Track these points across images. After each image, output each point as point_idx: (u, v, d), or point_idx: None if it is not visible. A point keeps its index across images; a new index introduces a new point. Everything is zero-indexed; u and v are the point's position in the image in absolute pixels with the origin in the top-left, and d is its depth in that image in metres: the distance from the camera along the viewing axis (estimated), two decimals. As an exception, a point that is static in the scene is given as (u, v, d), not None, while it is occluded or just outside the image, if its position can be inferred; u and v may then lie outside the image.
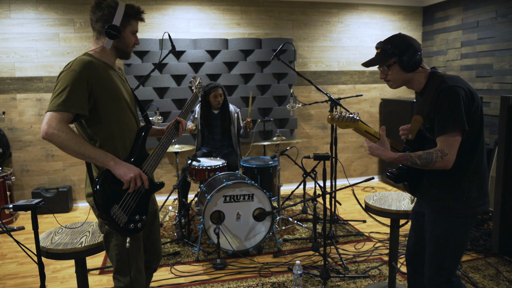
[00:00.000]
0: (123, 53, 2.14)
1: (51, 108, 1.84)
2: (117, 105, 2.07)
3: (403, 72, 2.07)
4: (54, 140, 1.82)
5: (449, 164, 1.93)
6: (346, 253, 3.86)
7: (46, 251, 2.27)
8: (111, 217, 1.93)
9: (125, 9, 2.04)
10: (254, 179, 4.39)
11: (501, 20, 5.03)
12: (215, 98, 4.58)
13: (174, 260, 3.77)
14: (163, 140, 2.24)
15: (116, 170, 1.95)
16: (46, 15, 5.17)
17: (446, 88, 1.93)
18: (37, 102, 5.29)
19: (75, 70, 1.89)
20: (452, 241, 2.07)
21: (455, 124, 1.90)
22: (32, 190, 5.27)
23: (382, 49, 2.10)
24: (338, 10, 6.16)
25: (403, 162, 2.01)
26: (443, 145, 1.93)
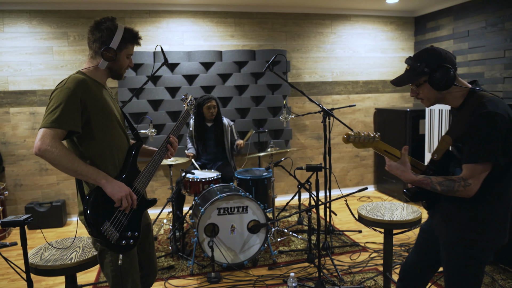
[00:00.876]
0: (116, 74, 2.18)
1: (45, 125, 1.86)
2: (109, 123, 2.09)
3: (434, 91, 1.93)
4: (47, 156, 1.83)
5: (471, 194, 1.82)
6: (342, 264, 3.84)
7: (35, 267, 2.24)
8: (102, 234, 1.92)
9: (124, 33, 2.08)
10: (248, 190, 4.37)
11: (491, 30, 5.07)
12: (209, 109, 4.59)
13: (168, 274, 3.74)
14: (154, 157, 2.25)
15: (107, 188, 1.95)
16: (40, 29, 5.19)
17: (484, 114, 1.77)
18: (31, 116, 5.28)
19: (69, 87, 1.92)
20: (468, 274, 1.95)
21: (486, 156, 1.77)
22: (25, 204, 5.23)
23: (411, 66, 1.96)
24: (331, 21, 6.20)
25: (422, 185, 1.90)
26: (468, 174, 1.82)
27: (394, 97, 6.67)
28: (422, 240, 2.24)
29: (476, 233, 1.90)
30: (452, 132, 1.94)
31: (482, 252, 1.92)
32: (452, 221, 1.98)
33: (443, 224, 2.03)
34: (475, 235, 1.90)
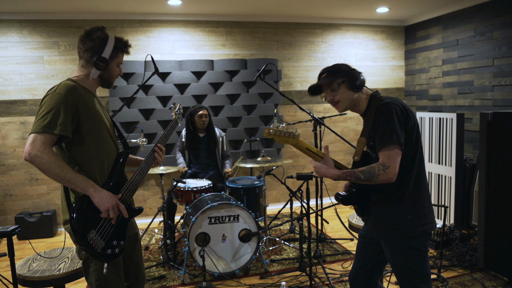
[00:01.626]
0: (107, 83, 2.20)
1: (35, 130, 1.86)
2: (98, 130, 2.09)
3: (350, 92, 2.12)
4: (36, 162, 1.83)
5: (392, 176, 1.95)
6: (333, 272, 3.84)
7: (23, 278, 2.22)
8: (88, 242, 1.91)
9: (115, 42, 2.11)
10: (240, 199, 4.37)
11: (480, 38, 5.14)
12: (200, 118, 4.59)
13: (159, 284, 3.71)
14: (142, 165, 2.25)
15: (94, 198, 1.94)
16: (30, 38, 5.18)
17: (382, 105, 2.01)
18: (21, 126, 5.25)
19: (60, 93, 1.93)
20: (415, 264, 2.08)
21: (392, 138, 1.95)
22: (15, 215, 5.18)
23: (328, 71, 2.15)
24: (322, 30, 6.25)
25: (347, 178, 2.02)
26: (383, 158, 1.97)
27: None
28: (361, 245, 2.37)
29: (407, 222, 2.05)
30: (364, 132, 2.12)
31: (418, 240, 2.06)
32: (383, 218, 2.14)
33: (378, 223, 2.17)
34: (407, 224, 2.05)
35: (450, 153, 4.68)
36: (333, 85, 2.13)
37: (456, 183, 4.64)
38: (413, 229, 2.05)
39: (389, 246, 2.13)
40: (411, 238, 2.06)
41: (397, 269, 2.14)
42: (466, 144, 5.23)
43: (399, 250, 2.09)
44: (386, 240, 2.14)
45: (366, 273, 2.34)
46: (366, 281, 2.35)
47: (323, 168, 2.07)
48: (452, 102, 5.68)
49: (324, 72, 2.17)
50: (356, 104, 2.16)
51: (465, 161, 4.79)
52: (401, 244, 2.08)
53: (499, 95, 4.90)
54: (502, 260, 3.50)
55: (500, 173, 3.49)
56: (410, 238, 2.06)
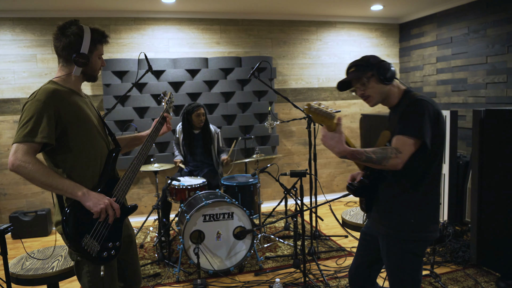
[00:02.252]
0: (91, 77, 2.13)
1: (17, 140, 1.82)
2: (86, 131, 2.03)
3: (381, 85, 2.06)
4: (21, 172, 1.80)
5: (401, 163, 1.88)
6: (328, 269, 3.85)
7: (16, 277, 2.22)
8: (83, 248, 1.89)
9: (91, 35, 2.03)
10: (235, 197, 4.37)
11: (473, 36, 5.16)
12: (198, 117, 4.59)
13: (154, 281, 3.71)
14: (134, 162, 2.17)
15: (85, 202, 1.90)
16: (23, 37, 5.16)
17: (414, 101, 1.96)
18: (14, 124, 5.23)
19: (40, 99, 1.86)
20: (409, 268, 2.07)
21: (416, 131, 1.89)
22: (10, 214, 5.16)
23: (356, 65, 2.09)
24: (316, 28, 6.26)
25: (356, 156, 1.90)
26: (398, 143, 1.91)
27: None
28: (363, 242, 2.36)
29: (410, 225, 2.03)
30: (390, 127, 2.08)
31: (416, 245, 2.05)
32: (387, 216, 2.11)
33: (380, 220, 2.15)
34: (409, 227, 2.03)
35: (444, 150, 4.70)
36: (362, 80, 2.07)
37: (449, 180, 4.66)
38: (414, 234, 2.03)
39: (386, 245, 2.12)
40: (410, 242, 2.04)
41: (390, 269, 2.14)
42: (460, 141, 5.26)
43: (396, 251, 2.08)
44: (385, 239, 2.13)
45: (366, 269, 2.34)
46: (365, 278, 2.35)
47: (333, 139, 1.91)
48: (446, 99, 5.70)
49: (352, 67, 2.11)
50: (387, 98, 2.11)
51: (458, 158, 4.82)
52: (399, 245, 2.07)
53: (493, 92, 4.93)
54: (494, 256, 3.53)
55: (492, 170, 3.52)
56: (409, 242, 2.04)
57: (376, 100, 2.10)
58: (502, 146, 3.44)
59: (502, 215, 3.46)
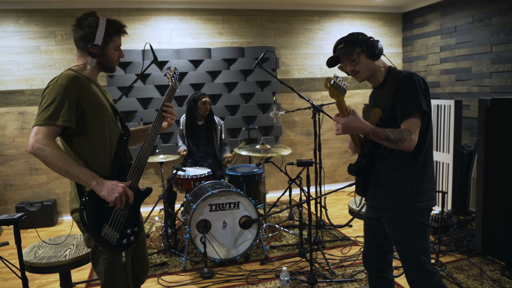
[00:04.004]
0: (107, 68, 2.17)
1: (38, 123, 1.85)
2: (102, 118, 2.07)
3: (370, 61, 2.12)
4: (39, 154, 1.82)
5: (413, 144, 1.99)
6: (333, 258, 3.89)
7: (29, 265, 2.25)
8: (103, 238, 1.91)
9: (106, 26, 2.05)
10: (239, 187, 4.39)
11: (478, 25, 5.15)
12: (204, 104, 4.60)
13: (161, 270, 3.75)
14: (144, 145, 2.18)
15: (99, 191, 1.92)
16: (27, 28, 5.15)
17: (405, 76, 2.03)
18: (19, 116, 5.24)
19: (62, 84, 1.90)
20: (418, 238, 2.13)
21: (417, 107, 1.98)
22: (16, 204, 5.20)
23: (345, 42, 2.14)
24: (319, 18, 6.24)
25: (377, 134, 2.00)
26: (409, 126, 1.99)
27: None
28: (368, 227, 2.41)
29: (412, 196, 2.10)
30: (380, 104, 2.14)
31: (421, 214, 2.12)
32: (389, 191, 2.16)
33: (382, 196, 2.20)
34: (412, 198, 2.10)
35: (448, 140, 4.71)
36: (352, 56, 2.11)
37: (453, 169, 4.69)
38: (417, 204, 2.10)
39: (391, 220, 2.18)
40: (415, 212, 2.11)
41: (400, 243, 2.18)
42: (464, 131, 5.27)
43: (403, 224, 2.14)
44: (389, 214, 2.18)
45: (377, 253, 2.38)
46: (378, 261, 2.40)
47: (356, 121, 1.99)
48: (449, 89, 5.70)
49: (341, 43, 2.15)
50: (374, 74, 2.17)
51: (462, 148, 4.83)
52: (405, 217, 2.13)
53: (497, 81, 4.93)
54: (499, 245, 3.56)
55: (497, 159, 3.53)
56: (414, 212, 2.10)
57: (365, 75, 2.16)
58: (508, 135, 3.45)
59: (507, 204, 3.48)
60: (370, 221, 2.38)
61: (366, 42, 2.09)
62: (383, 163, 2.19)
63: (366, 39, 2.11)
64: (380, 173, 2.20)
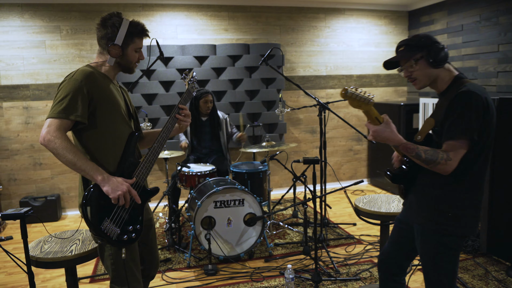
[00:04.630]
0: (126, 69, 2.19)
1: (52, 115, 1.90)
2: (115, 115, 2.10)
3: (429, 68, 1.96)
4: (50, 146, 1.87)
5: (449, 170, 1.86)
6: (337, 256, 3.88)
7: (35, 260, 2.25)
8: (103, 231, 1.92)
9: (128, 27, 2.08)
10: (244, 184, 4.39)
11: (485, 24, 5.12)
12: (205, 103, 4.58)
13: (165, 266, 3.75)
14: (154, 145, 2.18)
15: (104, 187, 1.94)
16: (32, 23, 5.14)
17: (464, 92, 1.84)
18: (24, 110, 5.24)
19: (77, 79, 1.95)
20: (444, 261, 2.01)
21: (464, 132, 1.83)
22: (20, 199, 5.20)
23: (406, 45, 2.01)
24: (325, 15, 6.21)
25: (408, 150, 1.90)
26: (449, 149, 1.86)
27: (388, 91, 6.71)
28: (397, 230, 2.30)
29: (444, 218, 1.96)
30: (436, 115, 1.99)
31: (454, 240, 1.98)
32: (424, 205, 2.04)
33: (416, 209, 2.09)
34: (447, 221, 1.96)
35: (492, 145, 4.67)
36: (410, 61, 1.98)
37: (458, 168, 4.66)
38: (449, 228, 1.96)
39: (421, 235, 2.07)
40: (445, 236, 1.98)
41: (424, 260, 2.07)
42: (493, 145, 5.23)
43: (430, 242, 2.03)
44: (420, 229, 2.07)
45: (397, 256, 2.29)
46: (396, 266, 2.31)
47: (386, 131, 1.90)
48: (455, 88, 5.67)
49: (402, 46, 2.02)
50: (435, 82, 2.01)
51: (468, 147, 4.80)
52: (433, 237, 2.01)
53: (504, 81, 4.90)
54: (504, 245, 3.55)
55: (504, 159, 3.51)
56: (444, 235, 1.98)
57: (423, 83, 2.02)
58: (515, 135, 3.43)
59: (513, 203, 3.47)
60: (401, 224, 2.27)
61: (429, 48, 1.93)
62: (422, 176, 2.06)
63: (430, 44, 1.94)
64: (418, 185, 2.09)
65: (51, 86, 5.27)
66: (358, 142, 6.64)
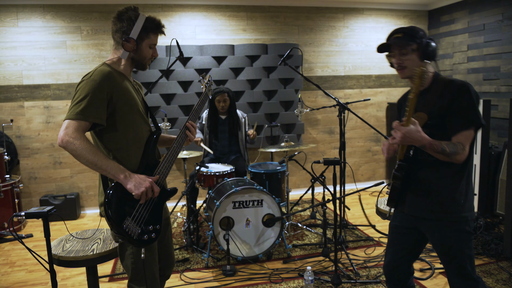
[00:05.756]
0: (139, 65, 2.17)
1: (70, 116, 1.87)
2: (133, 115, 2.09)
3: (420, 61, 2.02)
4: (69, 147, 1.85)
5: (464, 157, 1.96)
6: (357, 258, 3.83)
7: (57, 258, 2.27)
8: (124, 230, 1.92)
9: (144, 22, 2.06)
10: (262, 184, 4.37)
11: (508, 23, 5.01)
12: (219, 103, 4.57)
13: (183, 266, 3.75)
14: (173, 145, 2.20)
15: (126, 184, 1.93)
16: (53, 23, 5.21)
17: (461, 85, 1.96)
18: (45, 110, 5.31)
19: (95, 80, 1.92)
20: (465, 246, 2.07)
21: (474, 121, 1.95)
22: (40, 197, 5.28)
23: (405, 33, 2.03)
24: (343, 15, 6.16)
25: (434, 147, 1.93)
26: (462, 139, 1.95)
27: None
28: (397, 236, 2.31)
29: (459, 206, 2.05)
30: (425, 109, 2.03)
31: (468, 224, 2.06)
32: (434, 199, 2.08)
33: (425, 204, 2.11)
34: (459, 209, 2.05)
35: (475, 140, 4.60)
36: (405, 49, 2.02)
37: (480, 170, 4.58)
38: (464, 214, 2.05)
39: (438, 230, 2.09)
40: (462, 222, 2.05)
41: (447, 252, 2.11)
42: (491, 131, 5.14)
43: (452, 233, 2.07)
44: (435, 223, 2.09)
45: (404, 262, 2.29)
46: (405, 272, 2.31)
47: (417, 132, 1.90)
48: (477, 88, 5.57)
49: (399, 32, 2.05)
50: None
51: (490, 149, 4.72)
52: (453, 227, 2.06)
53: (527, 81, 4.80)
54: (529, 248, 3.46)
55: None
56: (462, 222, 2.05)
57: (410, 73, 2.05)
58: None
59: (539, 207, 3.38)
60: (399, 230, 2.28)
61: (424, 41, 2.00)
62: (430, 171, 2.10)
63: (425, 38, 2.02)
64: (425, 181, 2.11)
65: (72, 86, 5.33)
66: (377, 143, 6.57)
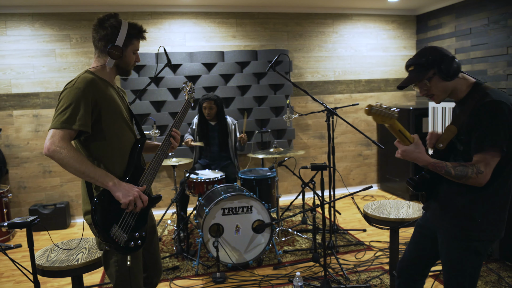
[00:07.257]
0: (124, 71, 2.17)
1: (55, 125, 1.86)
2: (118, 122, 2.08)
3: (444, 82, 1.93)
4: (55, 157, 1.84)
5: (483, 182, 1.84)
6: (347, 263, 3.84)
7: (42, 269, 2.25)
8: (111, 237, 1.92)
9: (128, 29, 2.06)
10: (252, 190, 4.37)
11: (493, 27, 5.07)
12: (205, 109, 4.57)
13: (173, 274, 3.73)
14: (158, 152, 2.20)
15: (115, 192, 1.93)
16: (42, 32, 5.20)
17: (489, 103, 1.81)
18: (34, 118, 5.28)
19: (79, 87, 1.91)
20: (469, 266, 1.97)
21: (494, 143, 1.80)
22: (29, 207, 5.24)
23: (416, 64, 1.97)
24: (332, 21, 6.20)
25: (437, 169, 1.88)
26: (479, 162, 1.83)
27: (396, 95, 6.66)
28: (418, 235, 2.26)
29: (474, 224, 1.92)
30: (457, 122, 1.95)
31: (480, 245, 1.94)
32: (451, 212, 2.00)
33: (442, 215, 2.05)
34: (473, 226, 1.93)
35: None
36: (423, 80, 1.94)
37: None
38: (479, 233, 1.93)
39: (447, 241, 2.03)
40: (474, 241, 1.94)
41: (448, 266, 2.04)
42: (480, 134, 5.16)
43: (457, 248, 1.99)
44: (446, 235, 2.03)
45: (418, 263, 2.25)
46: (418, 273, 2.27)
47: (415, 152, 1.89)
48: (465, 92, 5.61)
49: (411, 65, 1.99)
50: (453, 92, 1.98)
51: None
52: (461, 243, 1.97)
53: (514, 84, 4.84)
54: (518, 250, 3.48)
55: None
56: (473, 241, 1.94)
57: (441, 97, 1.98)
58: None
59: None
60: (422, 230, 2.22)
61: (439, 62, 1.90)
62: (447, 185, 2.01)
63: (439, 58, 1.90)
64: (443, 194, 2.05)
65: (61, 95, 5.30)
66: (368, 147, 6.59)
